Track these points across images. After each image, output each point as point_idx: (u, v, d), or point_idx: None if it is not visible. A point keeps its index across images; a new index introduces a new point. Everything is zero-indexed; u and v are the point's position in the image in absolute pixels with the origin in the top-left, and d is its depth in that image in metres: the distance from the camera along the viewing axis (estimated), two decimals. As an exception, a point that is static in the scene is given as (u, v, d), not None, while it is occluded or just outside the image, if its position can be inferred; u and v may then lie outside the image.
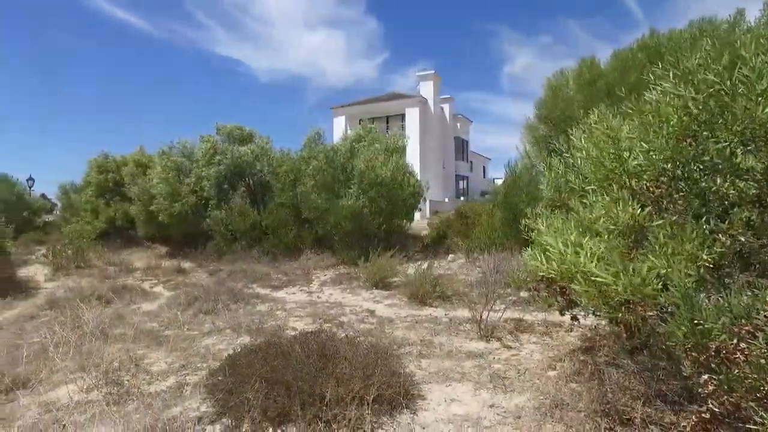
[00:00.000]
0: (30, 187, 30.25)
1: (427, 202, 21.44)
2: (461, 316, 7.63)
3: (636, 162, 3.10)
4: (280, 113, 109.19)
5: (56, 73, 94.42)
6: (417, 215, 17.72)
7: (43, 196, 33.38)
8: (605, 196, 3.24)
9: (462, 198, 32.07)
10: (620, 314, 2.81)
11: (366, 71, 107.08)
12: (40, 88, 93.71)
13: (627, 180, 3.20)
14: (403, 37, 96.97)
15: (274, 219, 15.97)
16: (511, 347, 5.97)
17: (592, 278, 2.74)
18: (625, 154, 3.18)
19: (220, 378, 4.37)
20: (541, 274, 3.31)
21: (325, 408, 3.92)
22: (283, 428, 3.90)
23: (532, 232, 4.78)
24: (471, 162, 38.48)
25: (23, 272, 14.99)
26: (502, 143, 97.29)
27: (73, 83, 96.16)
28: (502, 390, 4.58)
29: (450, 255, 13.38)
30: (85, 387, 5.28)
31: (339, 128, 29.57)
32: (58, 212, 31.20)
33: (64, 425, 4.36)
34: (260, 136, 19.44)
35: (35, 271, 15.44)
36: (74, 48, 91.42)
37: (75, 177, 29.87)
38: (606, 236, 2.95)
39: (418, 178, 16.14)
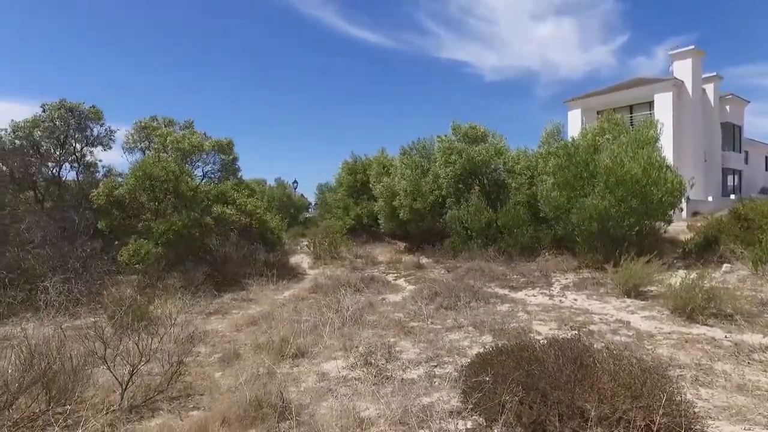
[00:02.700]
0: (295, 189, 36.49)
1: (686, 202, 18.35)
2: (751, 341, 6.20)
3: None
4: (508, 110, 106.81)
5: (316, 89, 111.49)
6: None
7: (302, 195, 39.79)
8: None
9: (732, 196, 26.36)
10: None
11: (602, 58, 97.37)
12: (299, 101, 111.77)
13: None
14: (646, 13, 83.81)
15: (510, 218, 15.69)
16: (841, 393, 4.55)
17: None
18: None
19: (486, 378, 4.37)
20: None
21: (584, 424, 3.58)
22: (538, 438, 3.70)
23: None
24: (746, 152, 31.34)
25: (293, 260, 17.94)
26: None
27: (325, 96, 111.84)
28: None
29: (724, 264, 11.10)
30: (348, 365, 5.98)
31: (574, 122, 27.53)
32: (311, 209, 37.06)
33: (337, 395, 4.99)
34: (494, 135, 19.33)
35: (300, 260, 18.36)
36: (324, 65, 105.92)
37: (327, 178, 35.18)
38: None
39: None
